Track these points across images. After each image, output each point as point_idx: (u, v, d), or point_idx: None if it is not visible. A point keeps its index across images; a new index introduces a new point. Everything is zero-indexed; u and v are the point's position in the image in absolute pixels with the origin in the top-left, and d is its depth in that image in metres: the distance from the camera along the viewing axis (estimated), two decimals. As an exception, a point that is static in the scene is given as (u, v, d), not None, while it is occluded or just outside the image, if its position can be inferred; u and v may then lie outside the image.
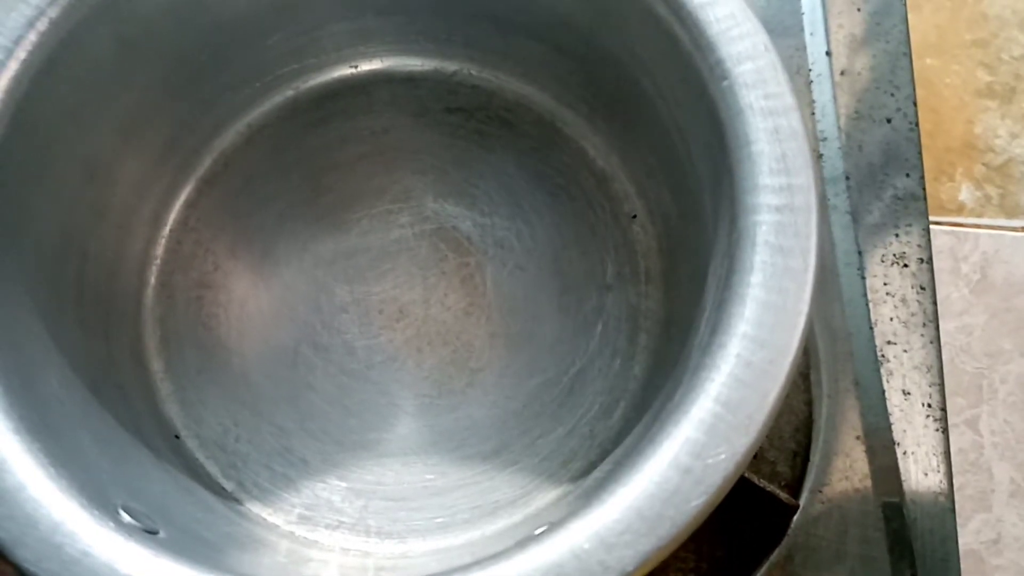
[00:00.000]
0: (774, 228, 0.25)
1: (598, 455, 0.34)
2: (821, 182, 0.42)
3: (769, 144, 0.26)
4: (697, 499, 0.23)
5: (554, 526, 0.23)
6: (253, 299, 0.37)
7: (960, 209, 0.67)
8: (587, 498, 0.26)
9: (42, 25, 0.28)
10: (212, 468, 0.34)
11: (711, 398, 0.23)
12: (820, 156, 0.44)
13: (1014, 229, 0.66)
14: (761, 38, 0.27)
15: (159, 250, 0.38)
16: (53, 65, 0.29)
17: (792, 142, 0.26)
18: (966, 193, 0.67)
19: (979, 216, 0.66)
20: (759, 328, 0.24)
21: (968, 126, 0.69)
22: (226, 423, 0.35)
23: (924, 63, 0.69)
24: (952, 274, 0.65)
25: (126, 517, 0.24)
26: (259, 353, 0.36)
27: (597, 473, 0.32)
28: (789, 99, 0.27)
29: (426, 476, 0.34)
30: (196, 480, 0.33)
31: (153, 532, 0.25)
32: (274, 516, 0.34)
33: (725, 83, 0.27)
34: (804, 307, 0.24)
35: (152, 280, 0.37)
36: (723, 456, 0.23)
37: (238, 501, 0.34)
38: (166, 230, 0.38)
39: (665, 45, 0.29)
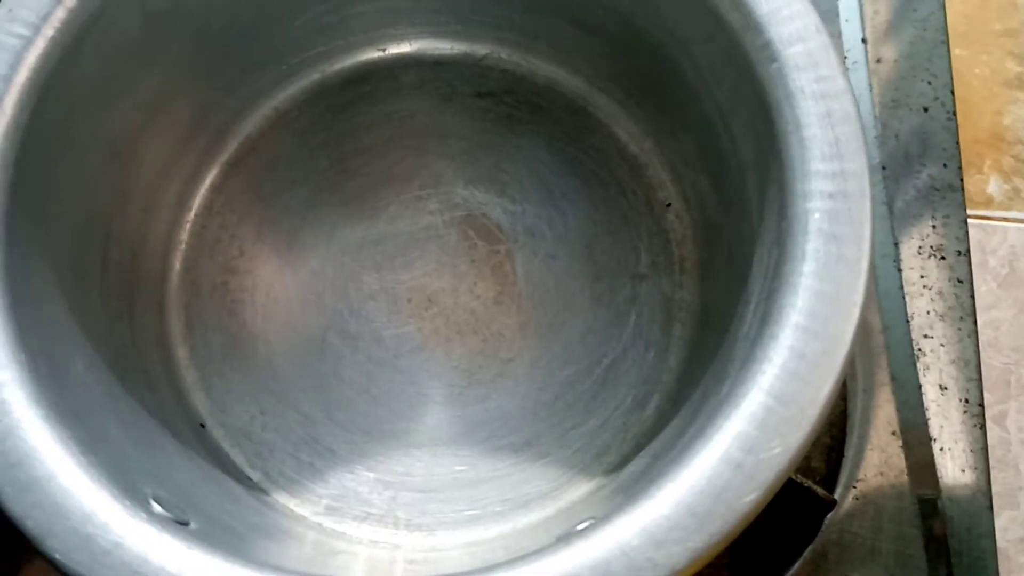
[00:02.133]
0: (827, 215, 0.24)
1: (632, 448, 0.34)
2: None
3: (821, 128, 0.25)
4: (749, 495, 0.22)
5: (599, 521, 0.22)
6: (279, 285, 0.36)
7: (988, 202, 0.65)
8: (628, 492, 0.26)
9: (70, 1, 0.27)
10: (238, 457, 0.34)
11: (763, 391, 0.23)
12: (856, 145, 0.43)
13: (1044, 223, 0.65)
14: (812, 19, 0.26)
15: (184, 234, 0.37)
16: (80, 42, 0.28)
17: (845, 126, 0.25)
18: (994, 186, 0.66)
19: (1007, 209, 0.65)
20: (812, 319, 0.23)
21: (997, 117, 0.68)
22: (252, 411, 0.35)
23: (953, 53, 0.67)
24: (980, 268, 0.64)
25: (157, 507, 0.24)
26: (285, 340, 0.36)
27: (632, 467, 0.31)
28: (841, 82, 0.26)
29: (456, 467, 0.34)
30: (222, 470, 0.32)
31: (184, 523, 0.24)
32: (301, 507, 0.33)
33: (774, 65, 0.26)
34: (859, 297, 0.24)
35: (177, 265, 0.36)
36: (776, 451, 0.22)
37: (264, 491, 0.33)
38: (191, 214, 0.37)
39: (709, 26, 0.28)
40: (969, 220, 0.65)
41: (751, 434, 0.22)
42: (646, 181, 0.37)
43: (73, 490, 0.22)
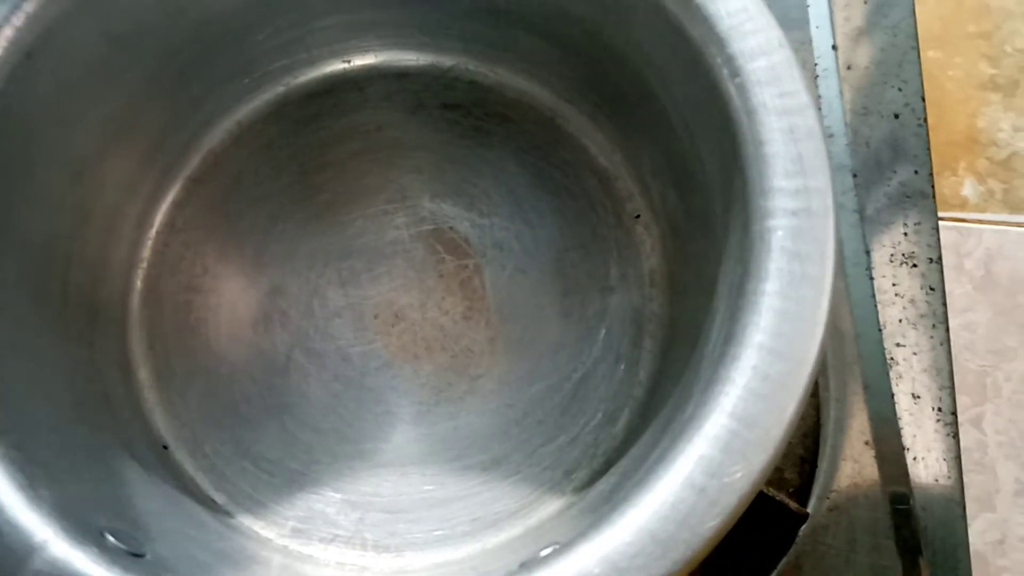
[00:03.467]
0: (790, 233, 0.24)
1: (602, 465, 0.33)
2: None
3: (784, 144, 0.25)
4: (712, 520, 0.21)
5: (562, 548, 0.22)
6: (243, 304, 0.36)
7: (963, 204, 0.66)
8: (594, 514, 0.25)
9: (18, 20, 0.27)
10: (202, 480, 0.33)
11: (726, 413, 0.22)
12: (827, 153, 0.42)
13: (1018, 224, 0.65)
14: (775, 33, 0.26)
15: (146, 253, 0.36)
16: (32, 61, 0.27)
17: (808, 142, 0.25)
18: (969, 188, 0.66)
19: (982, 212, 0.65)
20: (776, 339, 0.23)
21: (971, 120, 0.68)
22: (215, 432, 0.34)
23: (927, 56, 0.67)
24: (955, 270, 0.64)
25: (111, 539, 0.23)
26: (250, 359, 0.35)
27: (602, 485, 0.31)
28: (805, 97, 0.25)
29: (424, 487, 0.33)
30: (185, 493, 0.32)
31: (139, 555, 0.24)
32: (266, 530, 0.32)
33: (737, 80, 0.26)
34: (822, 316, 0.23)
35: (138, 284, 0.36)
36: (739, 475, 0.22)
37: (229, 514, 0.33)
38: (153, 232, 0.36)
39: (673, 40, 0.28)
40: (943, 223, 0.65)
41: (714, 457, 0.22)
42: (615, 194, 0.37)
43: (22, 524, 0.22)
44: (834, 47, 0.44)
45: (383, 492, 0.33)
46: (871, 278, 0.40)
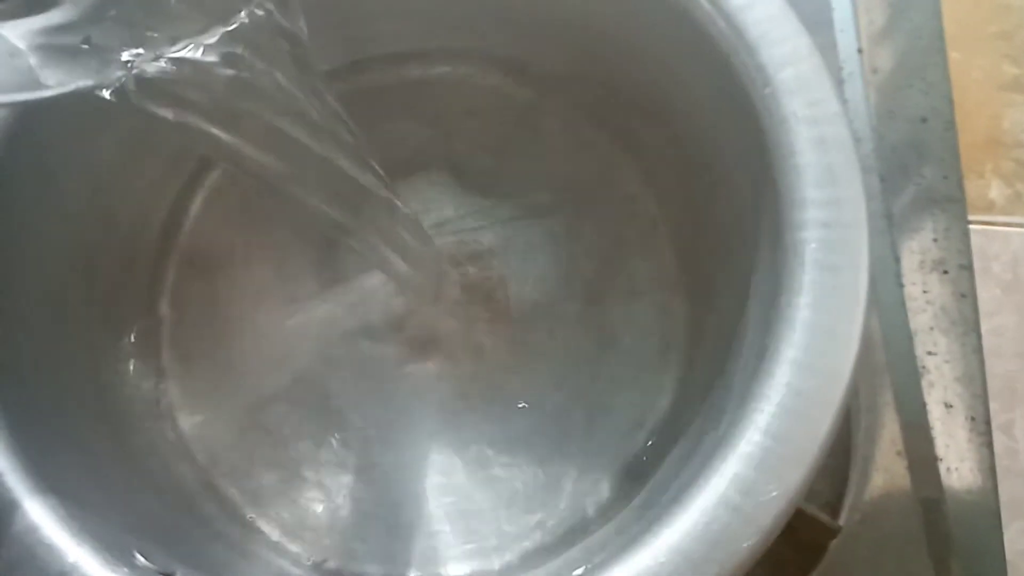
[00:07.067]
0: (823, 245, 0.24)
1: (629, 474, 0.33)
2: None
3: (815, 154, 0.24)
4: (747, 540, 0.21)
5: (593, 568, 0.22)
6: (268, 315, 0.36)
7: (990, 207, 0.64)
8: (625, 529, 0.25)
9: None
10: (233, 497, 0.33)
11: (760, 430, 0.22)
12: (853, 158, 0.42)
13: (1047, 227, 0.64)
14: (803, 41, 0.26)
15: (171, 265, 0.36)
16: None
17: (839, 152, 0.25)
18: (996, 191, 0.65)
19: (1010, 214, 0.64)
20: (809, 353, 0.23)
21: (994, 121, 0.67)
22: (245, 449, 0.34)
23: (948, 57, 0.67)
24: (983, 274, 0.63)
25: (141, 560, 0.23)
26: (276, 371, 0.35)
27: (632, 498, 0.31)
28: (834, 106, 0.25)
29: (452, 500, 0.33)
30: (217, 511, 0.32)
31: (169, 574, 0.23)
32: (297, 547, 0.32)
33: (767, 90, 0.25)
34: (857, 329, 0.23)
35: (164, 298, 0.36)
36: (774, 493, 0.21)
37: (260, 531, 0.32)
38: (178, 243, 0.36)
39: (701, 50, 0.27)
40: (971, 226, 0.64)
41: (748, 476, 0.21)
42: (639, 201, 0.36)
43: (55, 544, 0.22)
44: (859, 51, 0.44)
45: (409, 505, 0.33)
46: (901, 285, 0.40)
